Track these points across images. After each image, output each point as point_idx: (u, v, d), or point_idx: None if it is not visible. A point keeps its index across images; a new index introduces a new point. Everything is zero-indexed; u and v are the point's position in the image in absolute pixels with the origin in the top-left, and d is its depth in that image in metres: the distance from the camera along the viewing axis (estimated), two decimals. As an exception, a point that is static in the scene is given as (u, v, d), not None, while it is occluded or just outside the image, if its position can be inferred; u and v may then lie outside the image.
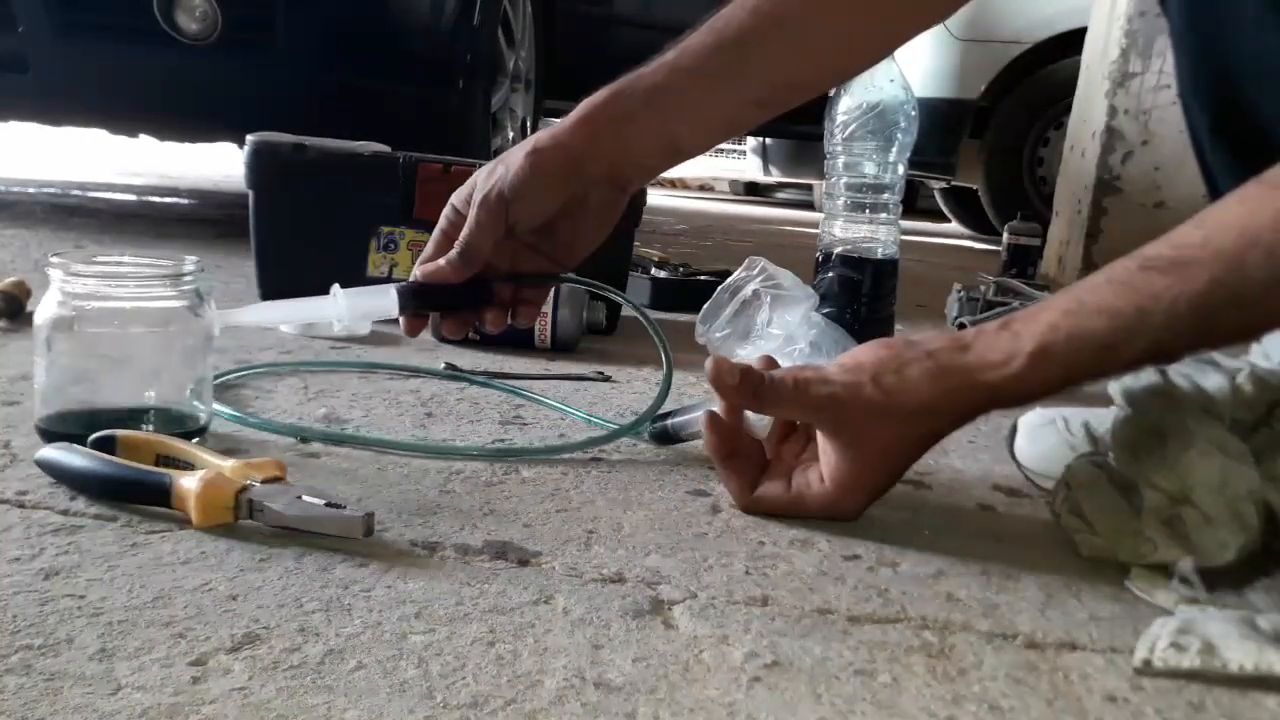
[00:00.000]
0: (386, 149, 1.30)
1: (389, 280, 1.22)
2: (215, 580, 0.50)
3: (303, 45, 1.78)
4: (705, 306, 0.99)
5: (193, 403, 0.71)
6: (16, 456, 0.66)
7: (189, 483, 0.56)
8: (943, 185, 4.39)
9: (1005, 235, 2.36)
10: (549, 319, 1.11)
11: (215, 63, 1.74)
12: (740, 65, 0.71)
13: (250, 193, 1.24)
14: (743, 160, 6.48)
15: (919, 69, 3.52)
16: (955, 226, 4.71)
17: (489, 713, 0.41)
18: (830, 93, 1.11)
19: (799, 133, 3.98)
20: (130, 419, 0.68)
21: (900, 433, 0.61)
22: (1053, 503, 0.68)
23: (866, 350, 0.62)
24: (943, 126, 3.58)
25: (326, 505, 0.55)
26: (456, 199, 0.74)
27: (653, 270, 1.58)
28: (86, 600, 0.47)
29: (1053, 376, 0.57)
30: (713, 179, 7.07)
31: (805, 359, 0.91)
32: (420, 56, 1.99)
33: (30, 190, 2.67)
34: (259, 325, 0.75)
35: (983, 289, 1.62)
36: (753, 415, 0.66)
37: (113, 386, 0.69)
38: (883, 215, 1.11)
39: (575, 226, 0.74)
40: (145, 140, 2.39)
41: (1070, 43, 3.11)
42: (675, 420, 0.78)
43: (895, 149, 1.09)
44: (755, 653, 0.48)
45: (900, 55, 0.96)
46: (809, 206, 5.73)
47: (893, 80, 1.08)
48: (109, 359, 0.69)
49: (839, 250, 1.11)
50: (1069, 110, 2.60)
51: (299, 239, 1.22)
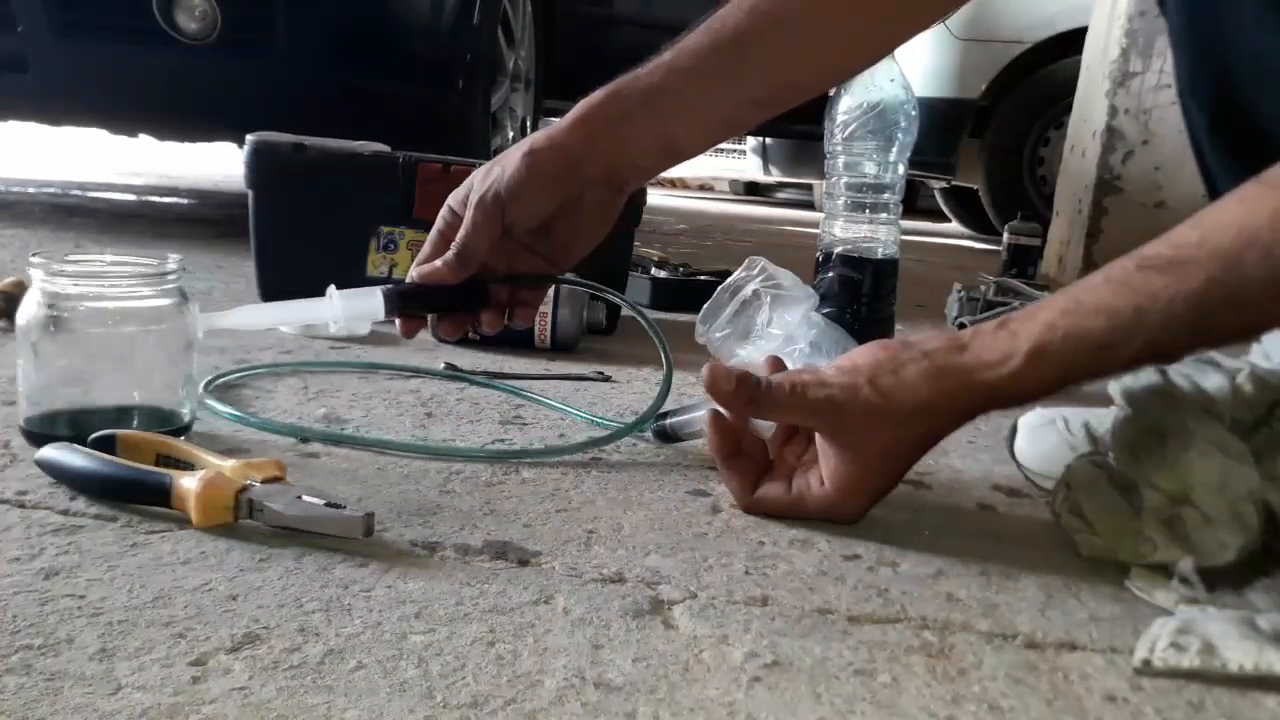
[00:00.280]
0: (386, 149, 1.30)
1: (388, 280, 1.22)
2: (215, 580, 0.50)
3: (303, 45, 1.78)
4: (705, 306, 0.99)
5: (178, 402, 0.71)
6: (16, 456, 0.66)
7: (189, 483, 0.56)
8: (943, 185, 4.39)
9: (1005, 235, 2.36)
10: (549, 319, 1.11)
11: (215, 63, 1.74)
12: (737, 65, 0.71)
13: (250, 193, 1.24)
14: (743, 160, 6.48)
15: (919, 69, 3.52)
16: (955, 226, 4.71)
17: (489, 713, 0.41)
18: (830, 93, 1.11)
19: (799, 132, 3.98)
20: (115, 418, 0.68)
21: (899, 434, 0.61)
22: (1053, 503, 0.68)
23: (863, 352, 0.62)
24: (943, 126, 3.58)
25: (326, 505, 0.55)
26: (453, 200, 0.74)
27: (653, 270, 1.58)
28: (86, 600, 0.47)
29: (1050, 376, 0.57)
30: (713, 179, 7.07)
31: (805, 359, 0.91)
32: (420, 56, 1.99)
33: (30, 190, 2.67)
34: (243, 329, 0.74)
35: (983, 289, 1.62)
36: None
37: (97, 386, 0.69)
38: (883, 215, 1.11)
39: (572, 227, 0.74)
40: (145, 140, 2.39)
41: (1070, 43, 3.11)
42: (675, 420, 0.78)
43: (895, 149, 1.09)
44: (755, 653, 0.48)
45: (900, 55, 0.96)
46: (809, 206, 5.73)
47: (893, 80, 1.08)
48: (92, 359, 0.68)
49: (839, 250, 1.11)
50: (1069, 110, 2.60)
51: (299, 239, 1.23)
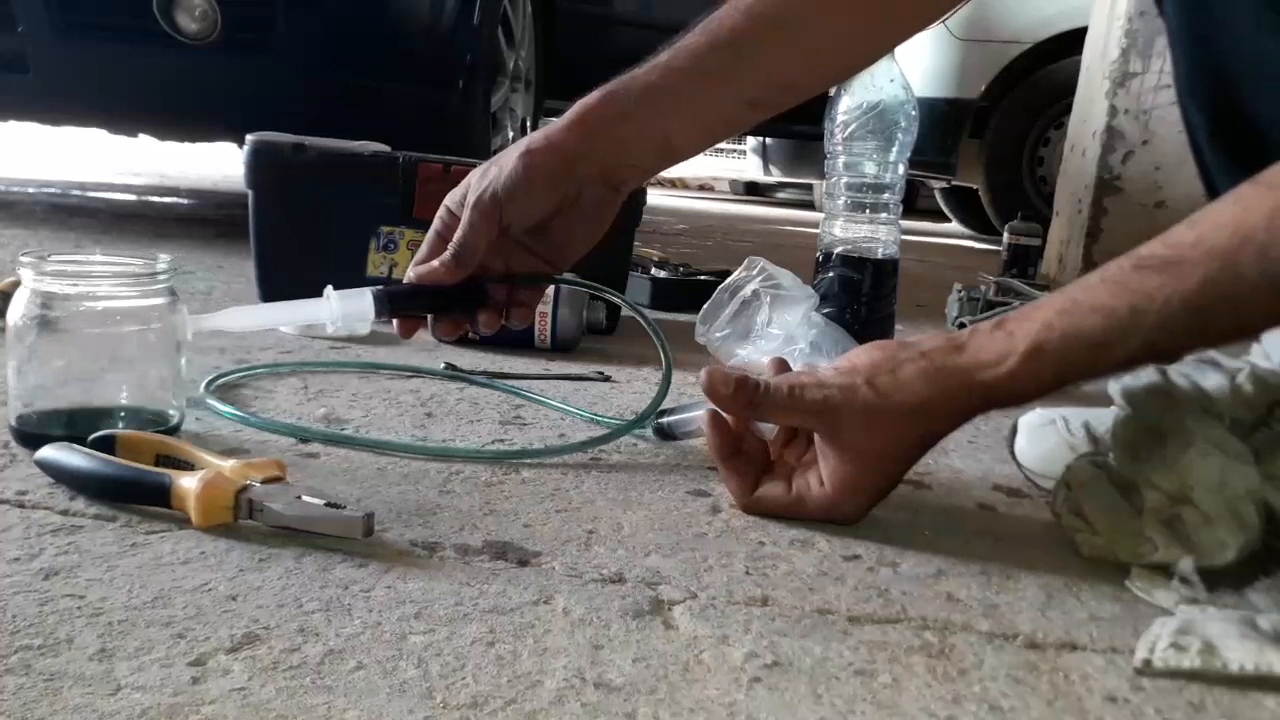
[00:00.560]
0: (386, 149, 1.30)
1: (388, 280, 1.22)
2: (215, 580, 0.50)
3: (303, 45, 1.78)
4: (705, 306, 0.99)
5: (168, 401, 0.71)
6: (16, 456, 0.65)
7: (189, 483, 0.56)
8: (943, 185, 4.39)
9: (1005, 235, 2.37)
10: (549, 319, 1.11)
11: (215, 63, 1.74)
12: (735, 66, 0.71)
13: (250, 193, 1.24)
14: (743, 160, 6.48)
15: (919, 69, 3.52)
16: (955, 226, 4.71)
17: (489, 713, 0.41)
18: (830, 93, 1.11)
19: (799, 132, 3.97)
20: (104, 418, 0.68)
21: (897, 434, 0.61)
22: (1053, 503, 0.68)
23: (861, 353, 0.62)
24: (943, 126, 3.58)
25: (326, 505, 0.55)
26: (450, 200, 0.74)
27: (653, 270, 1.58)
28: (86, 600, 0.47)
29: (1047, 375, 0.57)
30: (713, 179, 7.07)
31: (805, 359, 0.91)
32: (420, 56, 1.99)
33: (30, 190, 2.67)
34: (233, 330, 0.74)
35: (983, 289, 1.62)
36: None
37: (86, 386, 0.69)
38: (883, 215, 1.11)
39: (570, 227, 0.74)
40: (145, 140, 2.39)
41: (1070, 43, 3.11)
42: (673, 419, 0.78)
43: (895, 149, 1.09)
44: (755, 653, 0.48)
45: (900, 55, 0.96)
46: (809, 206, 5.73)
47: (893, 80, 1.08)
48: (82, 358, 0.68)
49: (839, 250, 1.11)
50: (1069, 110, 2.60)
51: (299, 239, 1.22)
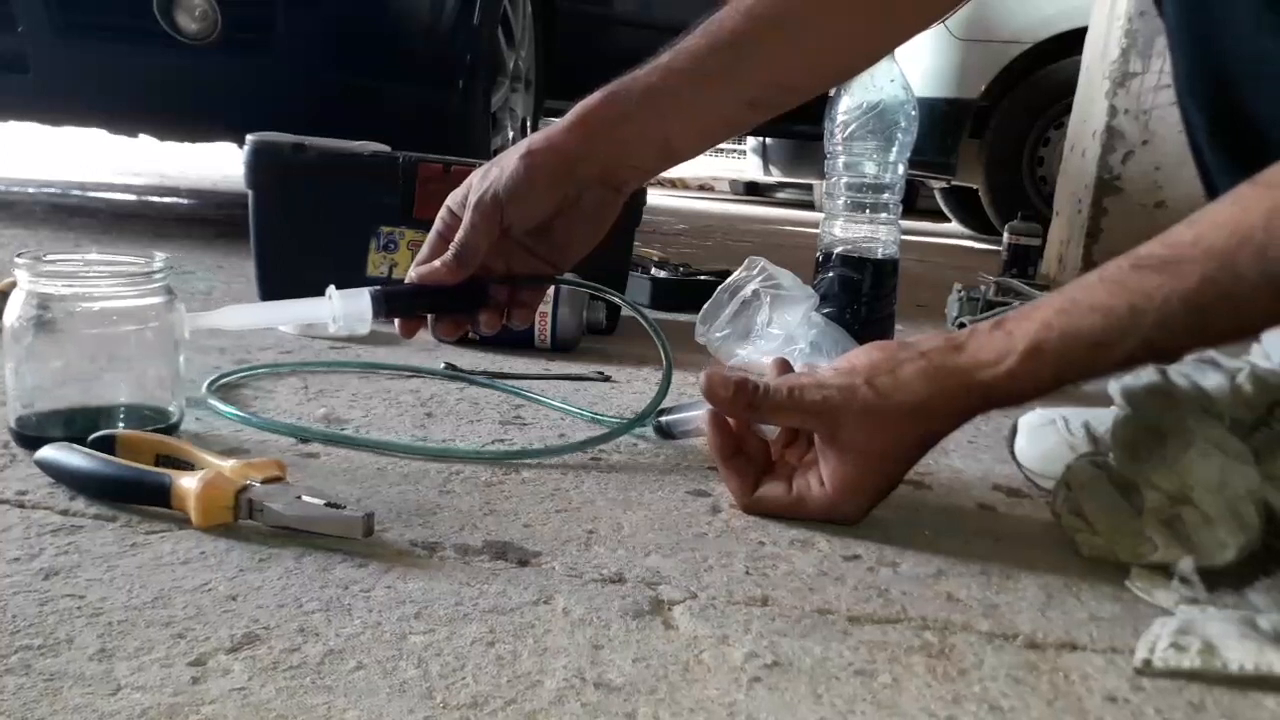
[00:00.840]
0: (386, 149, 1.30)
1: (388, 280, 1.22)
2: (215, 580, 0.50)
3: (303, 45, 1.78)
4: (705, 306, 0.99)
5: (166, 400, 0.71)
6: (16, 457, 0.65)
7: (189, 483, 0.56)
8: (943, 185, 4.39)
9: (1005, 235, 2.36)
10: (549, 319, 1.11)
11: (215, 63, 1.74)
12: (735, 67, 0.71)
13: (250, 193, 1.24)
14: (743, 160, 6.48)
15: (919, 69, 3.52)
16: (955, 226, 4.71)
17: (489, 713, 0.41)
18: (830, 93, 1.11)
19: (799, 133, 3.98)
20: (103, 418, 0.68)
21: (897, 434, 0.61)
22: (1053, 503, 0.68)
23: (861, 353, 0.62)
24: (943, 126, 3.58)
25: (326, 505, 0.55)
26: (452, 201, 0.74)
27: (653, 270, 1.58)
28: (86, 600, 0.47)
29: (1046, 375, 0.57)
30: (713, 179, 7.07)
31: (805, 359, 0.91)
32: (420, 56, 1.99)
33: (30, 190, 2.67)
34: (230, 328, 0.74)
35: (983, 289, 1.62)
36: None
37: (84, 386, 0.69)
38: (883, 215, 1.11)
39: (571, 227, 0.74)
40: (145, 140, 2.39)
41: (1070, 43, 3.11)
42: (673, 418, 0.78)
43: (895, 149, 1.09)
44: (755, 653, 0.48)
45: (900, 55, 0.96)
46: (809, 206, 5.73)
47: (893, 80, 1.08)
48: (79, 358, 0.68)
49: (839, 250, 1.11)
50: (1069, 110, 2.60)
51: (299, 239, 1.22)
